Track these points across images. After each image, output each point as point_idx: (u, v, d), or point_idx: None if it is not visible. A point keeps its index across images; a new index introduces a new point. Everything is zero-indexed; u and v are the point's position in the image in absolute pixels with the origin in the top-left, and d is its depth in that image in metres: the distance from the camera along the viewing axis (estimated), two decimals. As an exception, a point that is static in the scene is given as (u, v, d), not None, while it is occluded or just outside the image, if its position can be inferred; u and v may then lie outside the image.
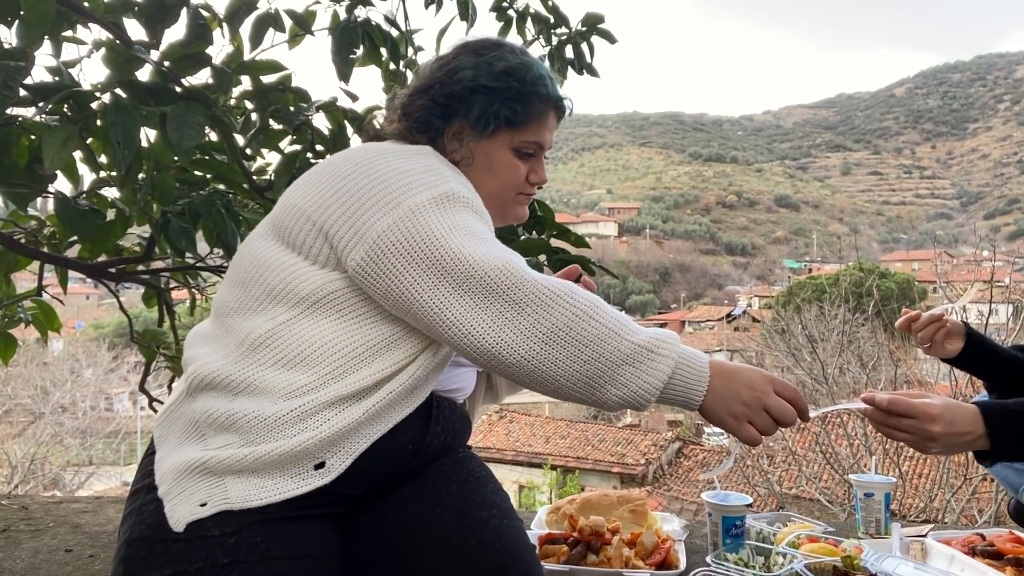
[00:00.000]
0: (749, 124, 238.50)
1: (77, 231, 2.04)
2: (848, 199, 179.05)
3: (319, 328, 1.12)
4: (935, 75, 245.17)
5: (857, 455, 7.93)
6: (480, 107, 1.28)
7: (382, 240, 1.09)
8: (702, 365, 1.07)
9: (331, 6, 2.30)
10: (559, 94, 1.36)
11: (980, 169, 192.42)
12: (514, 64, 1.30)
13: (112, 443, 19.57)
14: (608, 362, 1.04)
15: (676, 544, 1.82)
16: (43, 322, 2.61)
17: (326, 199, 1.16)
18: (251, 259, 1.21)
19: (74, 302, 39.42)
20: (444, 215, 1.10)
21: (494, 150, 1.31)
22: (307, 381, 1.09)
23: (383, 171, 1.15)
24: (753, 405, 1.08)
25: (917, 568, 1.61)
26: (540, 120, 1.33)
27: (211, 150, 2.16)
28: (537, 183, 1.37)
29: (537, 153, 1.36)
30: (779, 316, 14.78)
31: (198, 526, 1.03)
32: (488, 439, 20.14)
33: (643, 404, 1.05)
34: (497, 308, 1.04)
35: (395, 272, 1.08)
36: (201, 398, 1.13)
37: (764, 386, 1.09)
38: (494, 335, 1.04)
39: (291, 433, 1.06)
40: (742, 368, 1.10)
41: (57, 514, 2.55)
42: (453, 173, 1.21)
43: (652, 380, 1.04)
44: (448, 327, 1.06)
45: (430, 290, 1.06)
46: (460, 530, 1.09)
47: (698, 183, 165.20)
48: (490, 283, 1.05)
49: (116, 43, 1.99)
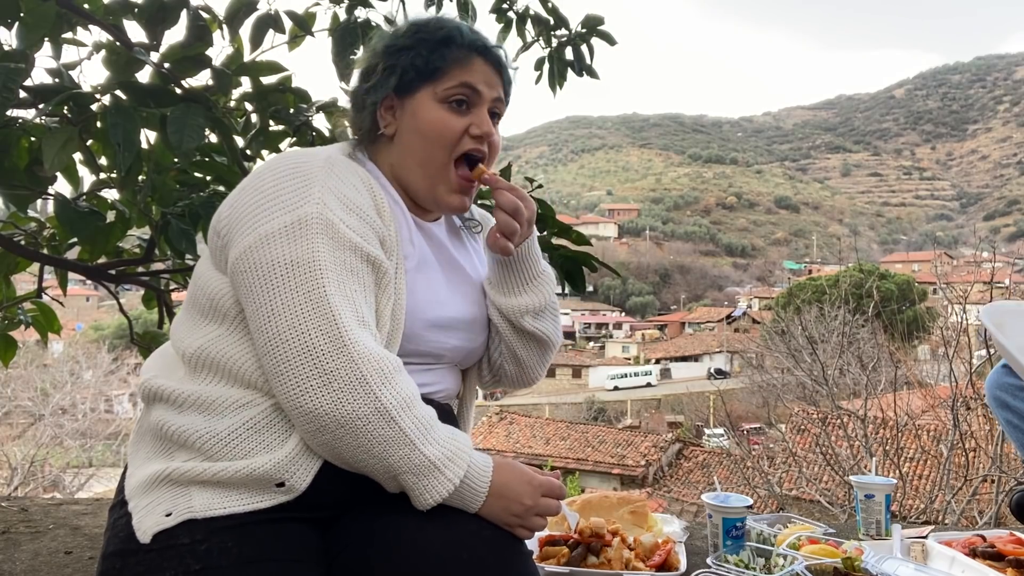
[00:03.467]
0: (749, 125, 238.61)
1: (77, 233, 2.04)
2: (848, 200, 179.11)
3: (246, 343, 1.12)
4: (935, 76, 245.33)
5: (857, 456, 7.92)
6: (399, 67, 1.24)
7: (235, 265, 1.11)
8: (481, 486, 1.08)
9: (331, 7, 2.31)
10: (481, 39, 1.27)
11: (980, 170, 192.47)
12: (425, 19, 1.28)
13: (112, 445, 19.53)
14: (393, 466, 1.04)
15: (676, 545, 1.82)
16: (43, 324, 2.61)
17: (223, 211, 1.18)
18: (194, 278, 1.24)
19: (74, 304, 39.47)
20: (291, 246, 1.07)
21: (418, 108, 1.24)
22: (247, 393, 1.11)
23: (253, 190, 1.15)
24: (524, 515, 1.11)
25: (918, 570, 1.61)
26: (461, 65, 1.24)
27: (211, 151, 2.16)
28: (480, 135, 1.25)
29: (473, 100, 1.25)
30: (779, 317, 14.79)
31: (167, 535, 1.04)
32: (488, 440, 20.14)
33: (418, 504, 1.06)
34: (306, 370, 1.02)
35: (242, 295, 1.10)
36: (155, 410, 1.16)
37: (533, 498, 1.12)
38: (297, 394, 1.03)
39: (246, 450, 1.07)
40: (515, 484, 1.11)
41: (57, 516, 2.55)
42: (326, 186, 1.13)
43: (430, 495, 1.05)
44: (265, 362, 1.06)
45: (262, 322, 1.06)
46: (452, 545, 1.05)
47: (698, 184, 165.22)
48: (305, 344, 1.03)
49: (116, 45, 1.99)
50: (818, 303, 14.27)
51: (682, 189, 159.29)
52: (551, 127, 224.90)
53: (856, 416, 8.26)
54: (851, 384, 9.80)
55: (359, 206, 1.16)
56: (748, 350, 25.99)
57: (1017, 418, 1.96)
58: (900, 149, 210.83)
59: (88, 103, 1.82)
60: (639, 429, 24.34)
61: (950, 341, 7.74)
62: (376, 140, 1.29)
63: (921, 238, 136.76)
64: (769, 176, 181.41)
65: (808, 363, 10.37)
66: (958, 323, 7.98)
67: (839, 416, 8.50)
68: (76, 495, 14.10)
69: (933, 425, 9.47)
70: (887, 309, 10.44)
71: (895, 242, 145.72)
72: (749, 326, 46.97)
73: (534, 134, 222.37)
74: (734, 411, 15.18)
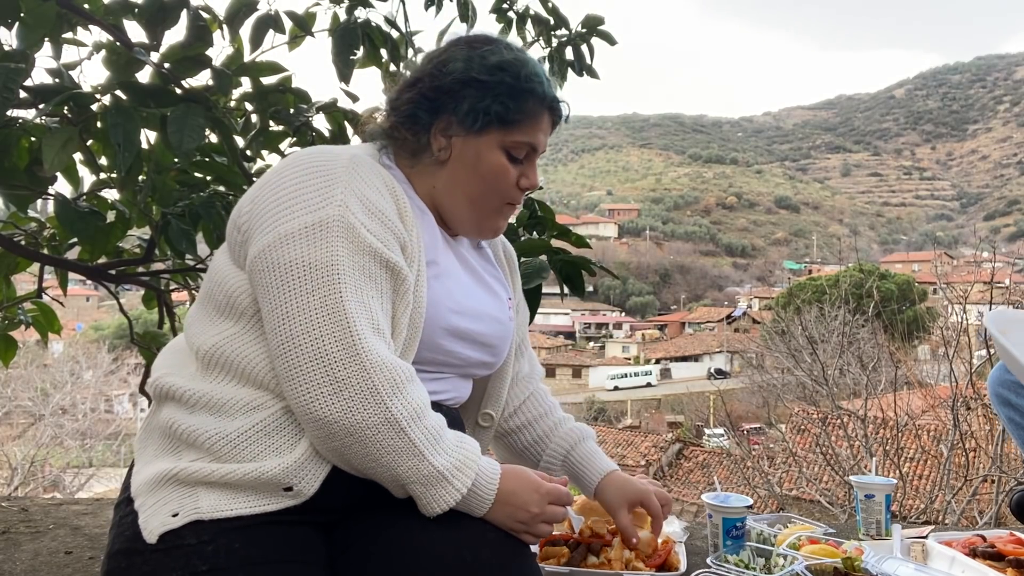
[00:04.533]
0: (749, 125, 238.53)
1: (77, 233, 2.04)
2: (848, 200, 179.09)
3: (261, 343, 1.11)
4: (935, 76, 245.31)
5: (857, 456, 7.92)
6: (470, 102, 1.21)
7: (253, 263, 1.10)
8: (488, 493, 1.09)
9: (331, 7, 2.30)
10: (555, 95, 1.28)
11: (980, 170, 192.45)
12: (508, 59, 1.23)
13: (112, 445, 19.55)
14: (401, 475, 1.04)
15: (677, 546, 1.82)
16: (43, 324, 2.61)
17: (244, 206, 1.17)
18: (210, 272, 1.22)
19: (74, 304, 39.46)
20: (309, 247, 1.06)
21: (483, 149, 1.23)
22: (260, 394, 1.10)
23: (275, 187, 1.13)
24: (530, 522, 1.13)
25: (918, 570, 1.61)
26: (534, 120, 1.25)
27: (211, 152, 2.16)
28: (528, 188, 1.30)
29: (529, 157, 1.28)
30: (779, 317, 14.78)
31: (174, 536, 1.03)
32: (488, 441, 20.09)
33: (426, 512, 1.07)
34: (318, 376, 1.02)
35: (259, 294, 1.10)
36: (165, 408, 1.15)
37: (540, 506, 1.13)
38: (308, 400, 1.02)
39: (256, 452, 1.07)
40: (522, 491, 1.12)
41: (57, 516, 2.55)
42: (349, 188, 1.12)
43: (437, 504, 1.06)
44: (277, 364, 1.05)
45: (276, 323, 1.06)
46: (455, 546, 1.05)
47: (698, 184, 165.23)
48: (318, 350, 1.02)
49: (116, 45, 1.99)
50: (818, 303, 14.28)
51: (682, 189, 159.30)
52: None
53: (856, 416, 8.27)
54: (851, 384, 9.80)
55: (381, 210, 1.14)
56: (748, 350, 25.98)
57: (1019, 415, 1.96)
58: (900, 149, 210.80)
59: (88, 103, 1.82)
60: (639, 429, 24.35)
61: (950, 341, 7.74)
62: (419, 157, 1.27)
63: (921, 238, 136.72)
64: (769, 176, 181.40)
65: (808, 363, 10.37)
66: (958, 323, 7.99)
67: (839, 416, 8.51)
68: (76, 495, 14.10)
69: (933, 425, 9.47)
70: (887, 309, 10.44)
71: (895, 242, 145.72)
72: (749, 326, 46.99)
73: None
74: (734, 411, 15.19)
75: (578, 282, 2.11)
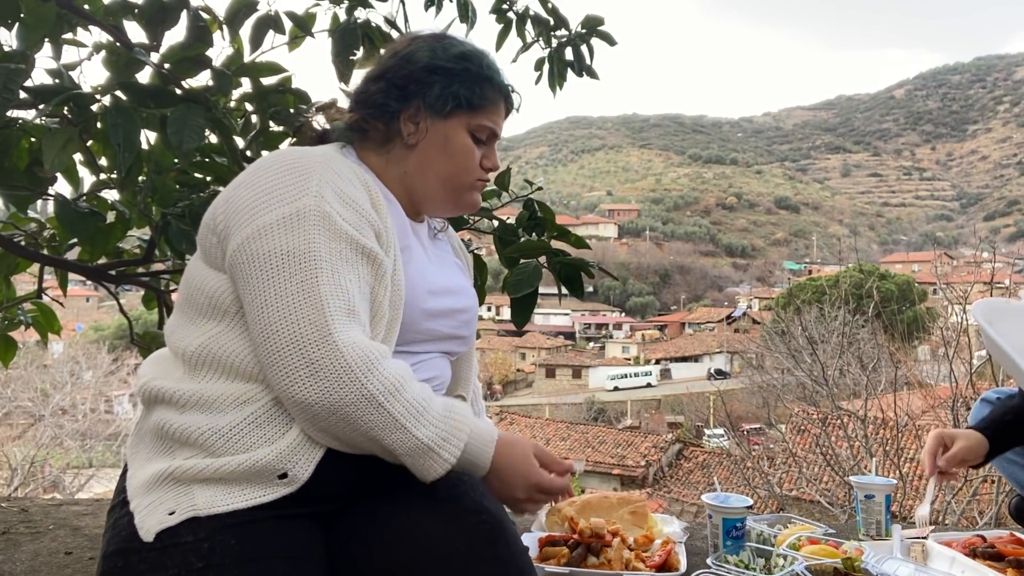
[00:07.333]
0: (749, 126, 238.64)
1: (77, 233, 2.04)
2: (848, 201, 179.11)
3: (246, 337, 1.13)
4: (935, 77, 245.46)
5: (857, 457, 7.92)
6: (439, 87, 1.29)
7: (233, 257, 1.13)
8: (483, 462, 1.13)
9: (331, 8, 2.31)
10: (507, 85, 1.38)
11: (980, 171, 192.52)
12: (470, 50, 1.34)
13: (112, 445, 19.52)
14: (389, 448, 1.06)
15: (677, 546, 1.82)
16: (43, 324, 2.61)
17: (218, 208, 1.19)
18: (185, 280, 1.25)
19: (74, 304, 39.47)
20: (287, 237, 1.10)
21: (451, 132, 1.32)
22: (249, 388, 1.12)
23: (251, 185, 1.17)
24: (512, 504, 1.19)
25: (918, 570, 1.61)
26: (494, 106, 1.35)
27: (211, 152, 2.16)
28: (490, 168, 1.39)
29: (490, 140, 1.37)
30: (779, 318, 14.78)
31: (170, 534, 1.04)
32: (488, 441, 20.10)
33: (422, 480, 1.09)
34: (294, 360, 1.04)
35: (240, 286, 1.12)
36: (155, 412, 1.16)
37: (525, 493, 1.18)
38: (288, 384, 1.05)
39: (248, 443, 1.08)
40: (512, 474, 1.16)
41: (57, 516, 2.55)
42: (323, 180, 1.16)
43: (428, 473, 1.09)
44: (260, 352, 1.08)
45: (256, 313, 1.08)
46: (450, 538, 1.07)
47: (698, 185, 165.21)
48: (293, 334, 1.05)
49: (116, 45, 1.99)
50: (818, 303, 14.28)
51: (682, 189, 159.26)
52: (551, 127, 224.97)
53: (856, 416, 8.27)
54: (851, 384, 9.79)
55: (356, 200, 1.19)
56: (748, 350, 25.97)
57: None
58: (900, 149, 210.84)
59: (88, 104, 1.82)
60: (639, 429, 24.36)
61: (950, 341, 7.74)
62: (389, 145, 1.34)
63: (921, 238, 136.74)
64: (769, 176, 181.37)
65: (808, 363, 10.37)
66: (958, 323, 7.98)
67: (839, 416, 8.51)
68: (76, 496, 14.11)
69: (933, 425, 9.47)
70: (887, 309, 10.42)
71: (895, 242, 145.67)
72: (749, 326, 46.97)
73: (534, 135, 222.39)
74: (734, 411, 15.17)
75: (577, 284, 2.11)
